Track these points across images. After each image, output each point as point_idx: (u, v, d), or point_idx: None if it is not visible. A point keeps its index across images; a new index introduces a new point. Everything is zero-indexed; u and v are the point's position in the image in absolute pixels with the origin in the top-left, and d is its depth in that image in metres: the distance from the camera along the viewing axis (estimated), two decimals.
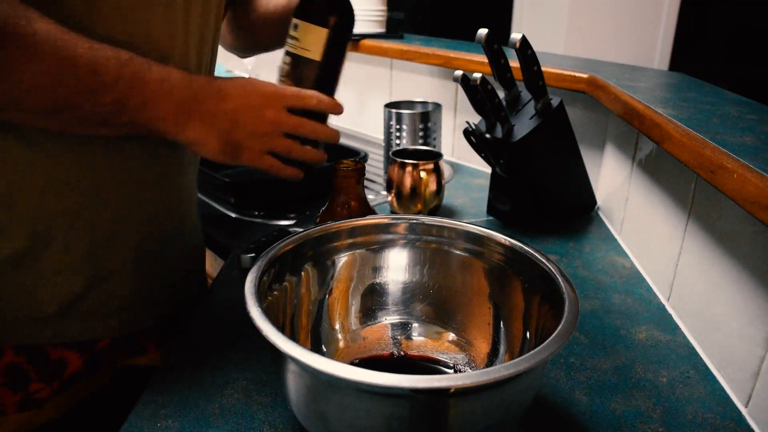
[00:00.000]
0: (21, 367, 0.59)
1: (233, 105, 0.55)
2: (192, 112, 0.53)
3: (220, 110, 0.55)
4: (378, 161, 1.30)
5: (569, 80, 1.00)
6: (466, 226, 0.57)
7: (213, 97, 0.54)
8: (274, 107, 0.57)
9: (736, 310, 0.57)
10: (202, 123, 0.54)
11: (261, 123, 0.57)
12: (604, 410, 0.54)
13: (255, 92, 0.57)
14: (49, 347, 0.60)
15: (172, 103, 0.52)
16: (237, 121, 0.55)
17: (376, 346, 0.58)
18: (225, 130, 0.55)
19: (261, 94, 0.57)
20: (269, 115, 0.57)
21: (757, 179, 0.48)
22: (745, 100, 0.82)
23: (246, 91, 0.56)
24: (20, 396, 0.59)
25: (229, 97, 0.55)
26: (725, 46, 1.87)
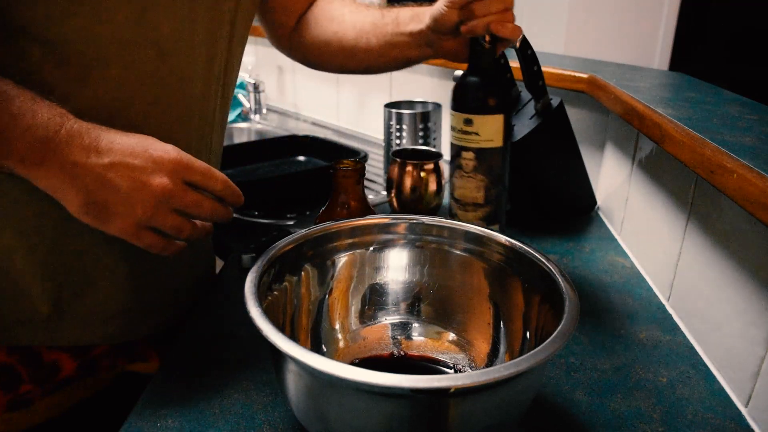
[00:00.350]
0: (13, 367, 0.58)
1: (108, 161, 0.46)
2: (47, 157, 0.45)
3: (88, 163, 0.46)
4: (378, 161, 1.30)
5: (569, 80, 1.00)
6: (466, 226, 0.57)
7: (84, 148, 0.46)
8: (166, 175, 0.48)
9: (736, 310, 0.57)
10: (60, 173, 0.46)
11: (142, 190, 0.47)
12: (604, 410, 0.54)
13: (145, 153, 0.48)
14: (43, 349, 0.59)
15: (24, 143, 0.44)
16: (108, 181, 0.46)
17: (376, 346, 0.58)
18: (91, 188, 0.46)
19: (153, 157, 0.48)
20: (156, 184, 0.47)
21: (757, 179, 0.48)
22: (745, 100, 0.82)
23: (133, 149, 0.47)
24: (11, 396, 0.59)
25: (107, 152, 0.46)
26: (725, 46, 1.87)
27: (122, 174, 0.47)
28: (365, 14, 0.75)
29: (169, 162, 0.48)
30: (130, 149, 0.47)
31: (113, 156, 0.47)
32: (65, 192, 0.47)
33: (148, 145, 0.48)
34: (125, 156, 0.47)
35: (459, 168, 0.65)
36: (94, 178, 0.46)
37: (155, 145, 0.49)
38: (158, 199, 0.48)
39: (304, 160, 1.23)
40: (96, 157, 0.46)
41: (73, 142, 0.46)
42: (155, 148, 0.48)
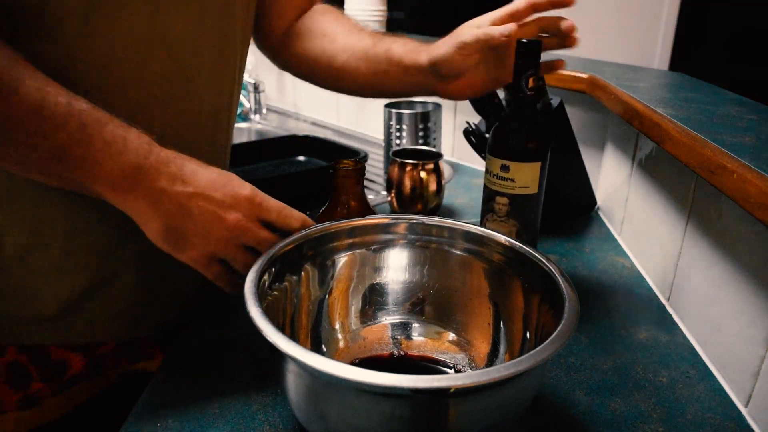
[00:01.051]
0: (23, 365, 0.59)
1: (191, 190, 0.48)
2: (137, 184, 0.47)
3: (173, 191, 0.48)
4: (378, 161, 1.30)
5: (569, 80, 1.00)
6: (466, 226, 0.57)
7: (170, 176, 0.48)
8: (241, 212, 0.50)
9: (736, 310, 0.57)
10: (147, 199, 0.48)
11: (218, 224, 0.49)
12: (604, 410, 0.54)
13: (224, 188, 0.50)
14: (51, 347, 0.60)
15: (116, 169, 0.46)
16: (188, 210, 0.48)
17: (376, 346, 0.58)
18: (172, 215, 0.48)
19: (231, 193, 0.50)
20: (231, 219, 0.49)
21: (757, 179, 0.48)
22: (745, 100, 0.82)
23: (214, 183, 0.49)
24: (21, 395, 0.59)
25: (190, 182, 0.49)
26: (725, 46, 1.87)
27: (202, 205, 0.49)
28: (358, 37, 0.73)
29: (245, 199, 0.50)
30: (211, 182, 0.49)
31: (196, 186, 0.49)
32: (147, 217, 0.49)
33: (228, 181, 0.50)
34: (207, 188, 0.49)
35: (492, 212, 0.65)
36: (176, 205, 0.48)
37: (234, 182, 0.51)
38: (231, 234, 0.50)
39: (304, 160, 1.23)
40: (180, 186, 0.48)
41: (160, 170, 0.48)
42: (234, 184, 0.50)
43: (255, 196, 0.51)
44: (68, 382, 0.62)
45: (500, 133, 0.64)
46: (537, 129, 0.63)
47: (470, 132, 0.83)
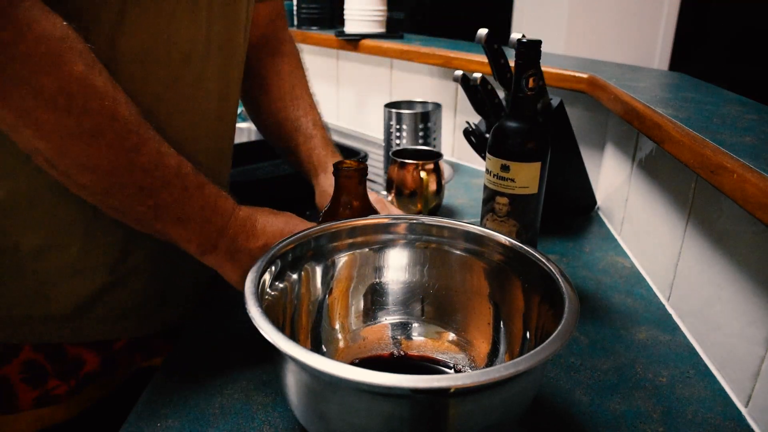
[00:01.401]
0: (39, 363, 0.59)
1: (261, 243, 0.55)
2: (219, 244, 0.54)
3: (246, 248, 0.55)
4: (378, 161, 1.30)
5: (569, 80, 1.00)
6: (466, 226, 0.57)
7: (245, 234, 0.55)
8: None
9: (736, 310, 0.57)
10: (226, 256, 0.55)
11: None
12: (604, 410, 0.54)
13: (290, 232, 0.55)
14: (67, 345, 0.60)
15: (204, 231, 0.53)
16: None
17: (376, 346, 0.58)
18: (246, 266, 0.54)
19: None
20: None
21: (757, 179, 0.48)
22: (745, 100, 0.82)
23: (282, 231, 0.56)
24: (38, 392, 0.60)
25: (261, 235, 0.56)
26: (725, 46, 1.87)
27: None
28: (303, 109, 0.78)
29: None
30: (279, 231, 0.57)
31: (266, 238, 0.56)
32: (227, 269, 0.56)
33: (294, 226, 0.57)
34: (275, 237, 0.56)
35: (492, 212, 0.65)
36: (249, 257, 0.55)
37: (299, 226, 0.57)
38: None
39: None
40: (253, 241, 0.55)
41: (238, 231, 0.55)
42: (299, 228, 0.56)
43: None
44: (84, 379, 0.62)
45: (500, 133, 0.64)
46: (537, 129, 0.63)
47: (470, 132, 0.83)
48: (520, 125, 0.63)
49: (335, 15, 1.71)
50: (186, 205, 0.51)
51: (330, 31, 1.62)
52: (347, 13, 1.49)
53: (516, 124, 0.63)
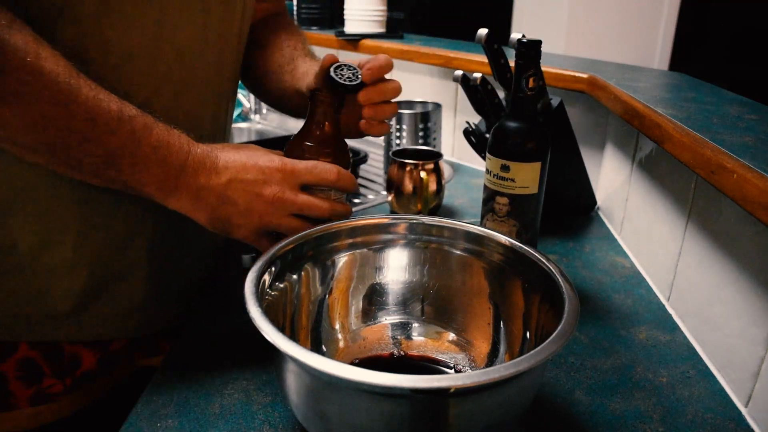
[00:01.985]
0: (35, 362, 0.59)
1: (225, 179, 0.52)
2: (180, 184, 0.51)
3: (209, 185, 0.52)
4: (378, 161, 1.30)
5: (569, 80, 1.00)
6: (466, 226, 0.57)
7: (206, 171, 0.52)
8: (276, 184, 0.53)
9: (736, 310, 0.57)
10: (189, 196, 0.52)
11: (256, 201, 0.53)
12: (604, 410, 0.54)
13: (255, 167, 0.53)
14: (65, 344, 0.61)
15: (161, 172, 0.50)
16: (227, 197, 0.52)
17: (376, 346, 0.58)
18: (214, 206, 0.52)
19: (261, 168, 0.53)
20: (268, 193, 0.53)
21: (757, 179, 0.48)
22: (745, 100, 0.82)
23: (245, 165, 0.53)
24: (33, 390, 0.60)
25: (224, 171, 0.52)
26: (725, 46, 1.87)
27: (238, 189, 0.52)
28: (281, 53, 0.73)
29: (275, 171, 0.53)
30: (242, 165, 0.53)
31: (229, 173, 0.52)
32: (194, 212, 0.53)
33: (257, 158, 0.53)
34: (238, 172, 0.52)
35: (492, 212, 0.65)
36: (216, 197, 0.52)
37: (263, 158, 0.54)
38: (272, 207, 0.53)
39: None
40: (216, 178, 0.52)
41: (198, 168, 0.52)
42: (263, 160, 0.53)
43: (284, 166, 0.54)
44: (81, 378, 0.62)
45: (500, 133, 0.64)
46: (537, 129, 0.63)
47: (470, 132, 0.83)
48: (520, 125, 0.63)
49: (335, 15, 1.71)
50: (137, 149, 0.49)
51: (330, 31, 1.62)
52: (347, 13, 1.49)
53: (516, 124, 0.63)
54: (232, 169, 0.52)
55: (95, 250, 0.58)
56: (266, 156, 0.54)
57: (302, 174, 0.54)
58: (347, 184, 0.57)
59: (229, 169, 0.52)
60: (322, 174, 0.55)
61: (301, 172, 0.54)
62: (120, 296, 0.61)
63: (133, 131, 0.48)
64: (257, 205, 0.53)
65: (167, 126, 0.51)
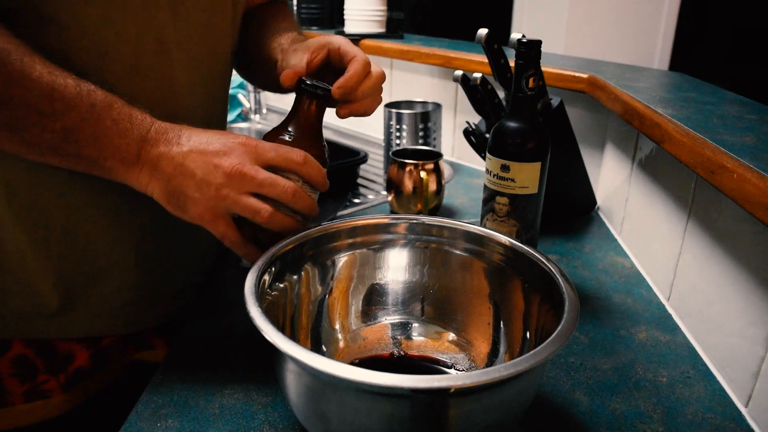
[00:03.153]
0: (28, 358, 0.60)
1: (186, 149, 0.49)
2: (141, 154, 0.49)
3: (169, 153, 0.49)
4: (378, 161, 1.30)
5: (569, 80, 1.00)
6: (466, 226, 0.57)
7: (168, 141, 0.49)
8: (237, 158, 0.49)
9: (736, 310, 0.57)
10: (149, 166, 0.49)
11: (214, 172, 0.48)
12: (604, 410, 0.54)
13: (218, 141, 0.50)
14: (57, 341, 0.61)
15: (123, 143, 0.48)
16: (184, 167, 0.49)
17: (376, 346, 0.58)
18: (171, 176, 0.49)
19: (224, 142, 0.50)
20: (227, 165, 0.49)
21: (757, 179, 0.48)
22: (745, 100, 0.82)
23: (209, 138, 0.50)
24: (27, 387, 0.60)
25: (186, 142, 0.49)
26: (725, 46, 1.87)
27: (196, 159, 0.49)
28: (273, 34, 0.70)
29: (239, 145, 0.50)
30: (206, 138, 0.50)
31: (191, 144, 0.49)
32: (151, 184, 0.50)
33: (223, 134, 0.51)
34: (201, 144, 0.49)
35: (492, 212, 0.65)
36: (173, 166, 0.49)
37: (229, 135, 0.51)
38: (230, 180, 0.49)
39: None
40: (177, 147, 0.49)
41: (160, 138, 0.49)
42: (228, 136, 0.50)
43: (248, 141, 0.50)
44: (74, 374, 0.63)
45: (500, 133, 0.64)
46: (537, 129, 0.63)
47: (470, 132, 0.83)
48: (520, 125, 0.63)
49: (335, 15, 1.71)
50: (97, 123, 0.47)
51: (330, 31, 1.62)
52: (347, 13, 1.49)
53: (516, 124, 0.63)
54: (195, 141, 0.50)
55: (80, 246, 0.58)
56: (234, 134, 0.51)
57: (266, 151, 0.51)
58: (314, 174, 0.53)
59: (192, 140, 0.50)
60: (287, 154, 0.51)
61: (264, 149, 0.51)
62: (109, 293, 0.61)
63: (93, 105, 0.47)
64: (214, 177, 0.49)
65: (129, 104, 0.50)
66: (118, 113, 0.48)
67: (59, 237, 0.56)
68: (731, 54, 1.84)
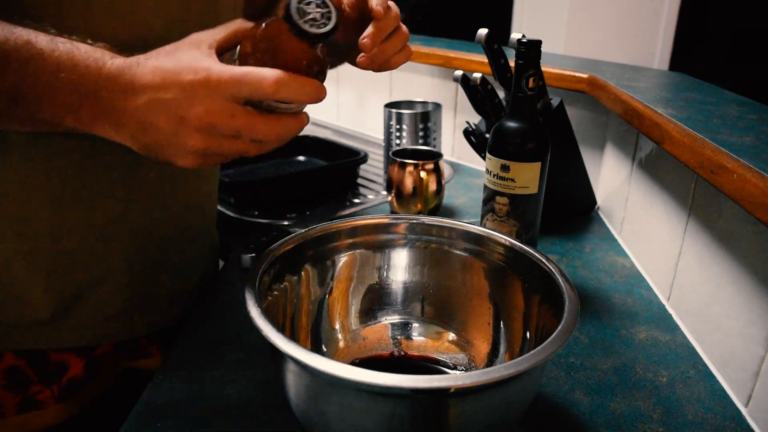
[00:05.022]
0: (21, 369, 0.59)
1: (143, 101, 0.42)
2: (97, 112, 0.43)
3: (128, 108, 0.43)
4: (378, 161, 1.30)
5: (569, 80, 1.00)
6: (466, 226, 0.57)
7: (122, 92, 0.43)
8: (201, 104, 0.42)
9: (736, 310, 0.57)
10: (112, 124, 0.44)
11: (182, 125, 0.43)
12: (604, 410, 0.54)
13: (175, 83, 0.42)
14: (49, 350, 0.60)
15: (72, 100, 0.43)
16: (148, 124, 0.43)
17: (376, 346, 0.58)
18: (139, 134, 0.44)
19: (183, 85, 0.42)
20: (193, 117, 0.42)
21: (757, 179, 0.48)
22: (745, 100, 0.82)
23: (164, 80, 0.42)
24: (20, 398, 0.59)
25: (141, 91, 0.42)
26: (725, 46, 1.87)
27: (158, 113, 0.43)
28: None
29: (200, 87, 0.42)
30: (161, 81, 0.42)
31: (147, 94, 0.42)
32: (122, 139, 0.45)
33: (180, 70, 0.42)
34: (157, 91, 0.42)
35: (492, 212, 0.65)
36: (135, 124, 0.43)
37: (187, 69, 0.42)
38: (202, 131, 0.43)
39: (304, 160, 1.23)
40: (133, 99, 0.43)
41: (113, 88, 0.43)
42: (186, 72, 0.42)
43: (208, 78, 0.42)
44: (67, 384, 0.62)
45: (500, 133, 0.64)
46: (537, 129, 0.63)
47: (470, 132, 0.83)
48: (520, 125, 0.63)
49: None
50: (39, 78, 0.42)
51: None
52: None
53: (516, 124, 0.63)
54: (150, 88, 0.42)
55: (70, 256, 0.57)
56: (192, 65, 0.42)
57: (230, 86, 0.41)
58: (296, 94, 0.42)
59: (146, 88, 0.42)
60: (254, 83, 0.41)
61: (231, 83, 0.41)
62: (101, 302, 0.60)
63: (30, 58, 0.41)
64: (184, 130, 0.43)
65: (74, 43, 0.43)
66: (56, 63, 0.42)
67: (48, 248, 0.55)
68: (731, 54, 1.84)
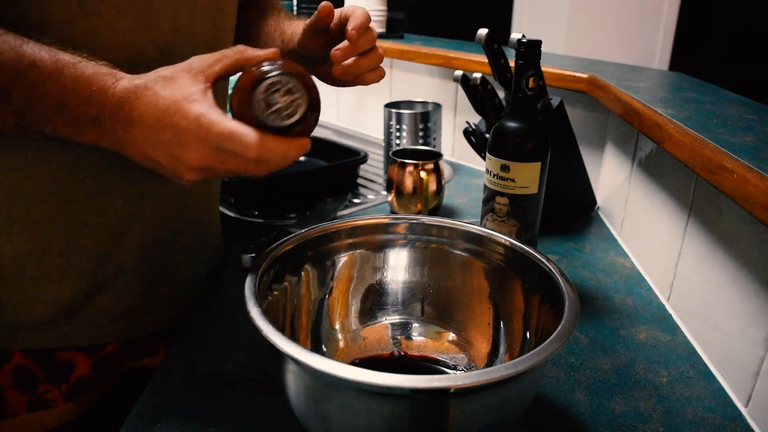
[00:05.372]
0: (29, 369, 0.59)
1: (141, 137, 0.45)
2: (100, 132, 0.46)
3: (128, 137, 0.46)
4: (378, 161, 1.30)
5: (569, 80, 1.00)
6: (466, 226, 0.57)
7: (123, 122, 0.45)
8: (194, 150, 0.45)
9: (736, 310, 0.57)
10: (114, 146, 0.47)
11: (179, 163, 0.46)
12: (604, 410, 0.54)
13: (170, 125, 0.44)
14: (56, 350, 0.60)
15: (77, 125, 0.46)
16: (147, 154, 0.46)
17: (376, 346, 0.58)
18: (138, 158, 0.47)
19: (176, 130, 0.44)
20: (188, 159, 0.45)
21: (757, 179, 0.48)
22: (745, 100, 0.82)
23: (160, 121, 0.45)
24: (29, 397, 0.59)
25: (138, 125, 0.45)
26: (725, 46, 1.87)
27: (155, 149, 0.46)
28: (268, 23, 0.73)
29: (191, 135, 0.44)
30: (156, 121, 0.45)
31: (143, 130, 0.45)
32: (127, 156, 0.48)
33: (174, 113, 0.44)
34: (153, 130, 0.45)
35: (492, 212, 0.65)
36: (136, 150, 0.46)
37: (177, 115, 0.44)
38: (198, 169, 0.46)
39: (304, 160, 1.23)
40: (132, 131, 0.45)
41: (114, 119, 0.45)
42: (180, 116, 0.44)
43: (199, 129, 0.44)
44: (75, 383, 0.62)
45: (500, 133, 0.64)
46: (537, 129, 0.63)
47: (470, 132, 0.83)
48: (520, 125, 0.63)
49: None
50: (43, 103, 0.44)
51: None
52: None
53: (516, 124, 0.63)
54: (146, 125, 0.45)
55: (81, 256, 0.57)
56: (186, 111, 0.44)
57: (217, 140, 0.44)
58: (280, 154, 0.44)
59: (143, 124, 0.45)
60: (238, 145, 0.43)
61: (215, 138, 0.44)
62: (109, 302, 0.61)
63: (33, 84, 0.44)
64: (182, 167, 0.46)
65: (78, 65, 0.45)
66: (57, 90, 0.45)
67: (60, 249, 0.56)
68: (731, 54, 1.84)
